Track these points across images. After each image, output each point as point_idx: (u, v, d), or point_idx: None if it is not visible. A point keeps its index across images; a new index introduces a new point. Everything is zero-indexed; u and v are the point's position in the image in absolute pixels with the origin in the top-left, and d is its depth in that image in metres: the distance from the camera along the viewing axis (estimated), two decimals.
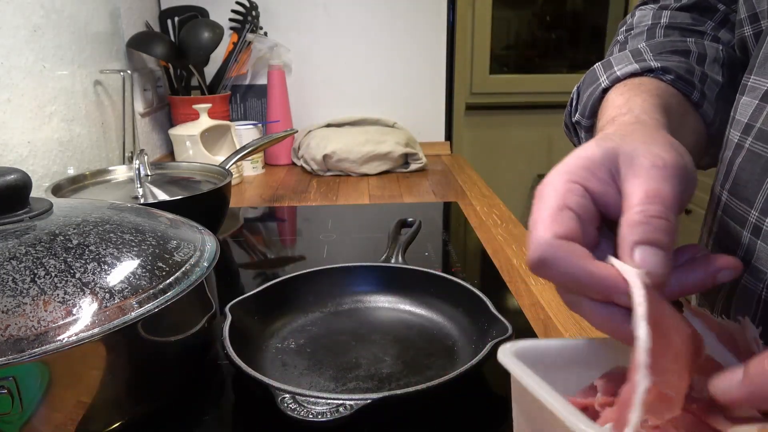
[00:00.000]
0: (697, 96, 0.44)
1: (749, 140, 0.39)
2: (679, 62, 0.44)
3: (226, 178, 0.82)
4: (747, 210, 0.39)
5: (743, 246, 0.40)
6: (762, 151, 0.38)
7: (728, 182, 0.42)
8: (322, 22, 1.46)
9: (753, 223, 0.39)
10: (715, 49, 0.47)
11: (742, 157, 0.40)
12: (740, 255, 0.40)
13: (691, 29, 0.49)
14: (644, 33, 0.49)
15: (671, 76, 0.43)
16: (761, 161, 0.38)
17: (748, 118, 0.40)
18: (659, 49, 0.45)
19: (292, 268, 0.80)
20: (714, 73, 0.45)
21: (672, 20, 0.50)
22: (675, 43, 0.46)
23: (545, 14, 2.41)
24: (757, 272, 0.38)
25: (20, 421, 0.37)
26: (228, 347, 0.47)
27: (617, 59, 0.46)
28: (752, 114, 0.39)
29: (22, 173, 0.47)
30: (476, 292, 0.56)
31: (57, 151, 0.93)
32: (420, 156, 1.31)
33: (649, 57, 0.44)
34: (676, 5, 0.51)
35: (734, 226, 0.41)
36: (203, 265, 0.48)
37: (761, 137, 0.38)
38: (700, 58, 0.45)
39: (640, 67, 0.43)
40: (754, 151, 0.39)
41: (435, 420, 0.45)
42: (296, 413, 0.39)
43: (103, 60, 1.11)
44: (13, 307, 0.37)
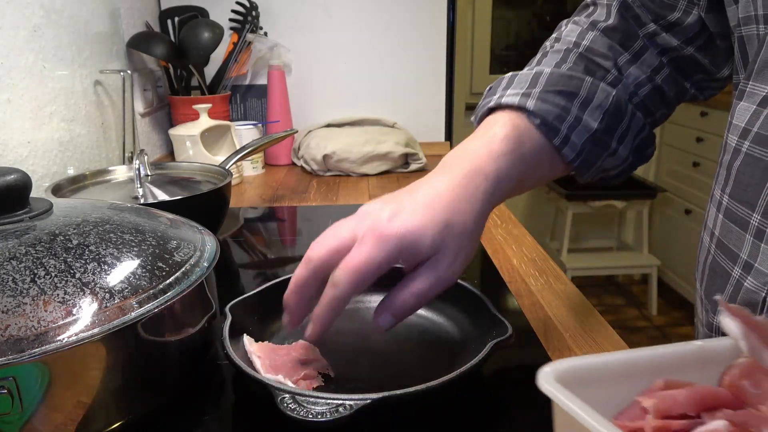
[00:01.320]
0: (558, 141, 0.49)
1: (747, 144, 0.40)
2: (555, 106, 0.49)
3: (226, 178, 0.82)
4: (749, 213, 0.39)
5: (746, 249, 0.40)
6: (761, 155, 0.38)
7: (728, 186, 0.42)
8: (322, 22, 1.46)
9: (756, 226, 0.39)
10: (605, 95, 0.50)
11: (740, 161, 0.40)
12: (743, 258, 0.40)
13: (600, 64, 0.52)
14: (560, 53, 0.53)
15: (537, 120, 0.49)
16: (761, 165, 0.38)
17: (745, 123, 0.40)
18: (552, 85, 0.50)
19: (292, 268, 0.80)
20: (592, 118, 0.50)
21: (591, 45, 0.53)
22: (570, 82, 0.50)
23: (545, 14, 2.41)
24: (761, 275, 0.38)
25: (20, 421, 0.37)
26: (228, 347, 0.47)
27: (519, 79, 0.52)
28: (750, 119, 0.40)
29: (22, 173, 0.47)
30: (476, 292, 0.56)
31: (57, 151, 0.93)
32: (420, 156, 1.31)
33: (536, 92, 0.50)
34: (604, 24, 0.53)
35: (736, 230, 0.41)
36: (203, 265, 0.48)
37: (759, 141, 0.39)
38: (584, 102, 0.50)
39: (518, 103, 0.49)
40: (752, 155, 0.39)
41: (435, 420, 0.45)
42: (296, 413, 0.39)
43: (103, 60, 1.11)
44: (13, 307, 0.37)
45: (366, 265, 0.42)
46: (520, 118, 0.49)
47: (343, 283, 0.42)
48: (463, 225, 0.44)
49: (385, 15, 1.47)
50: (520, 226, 0.93)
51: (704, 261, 0.47)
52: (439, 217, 0.43)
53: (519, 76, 0.53)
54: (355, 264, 0.42)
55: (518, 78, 0.53)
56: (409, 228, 0.42)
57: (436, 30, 1.49)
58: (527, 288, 0.70)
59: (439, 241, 0.43)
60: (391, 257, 0.42)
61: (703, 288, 0.47)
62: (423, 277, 0.44)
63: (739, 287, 0.41)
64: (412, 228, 0.42)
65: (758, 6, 0.40)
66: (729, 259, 0.42)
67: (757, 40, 0.41)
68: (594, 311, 0.64)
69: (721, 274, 0.43)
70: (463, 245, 0.44)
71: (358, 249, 0.42)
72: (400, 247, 0.42)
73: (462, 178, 0.45)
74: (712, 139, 2.42)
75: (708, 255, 0.46)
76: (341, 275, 0.42)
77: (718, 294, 0.44)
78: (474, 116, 0.55)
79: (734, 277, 0.41)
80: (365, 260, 0.42)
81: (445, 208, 0.43)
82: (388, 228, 0.42)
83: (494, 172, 0.46)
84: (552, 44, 0.56)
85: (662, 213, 2.85)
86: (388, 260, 0.42)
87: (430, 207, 0.43)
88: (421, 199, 0.44)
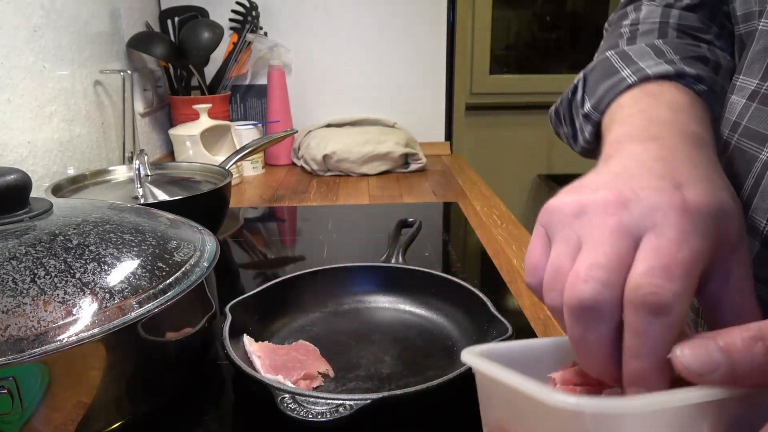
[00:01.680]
0: (718, 110, 0.41)
1: (736, 137, 0.40)
2: (703, 71, 0.41)
3: (226, 178, 0.82)
4: None
5: None
6: (747, 148, 0.39)
7: None
8: (322, 22, 1.46)
9: None
10: (725, 59, 0.45)
11: (728, 153, 0.41)
12: None
13: (700, 36, 0.46)
14: (655, 31, 0.46)
15: (704, 86, 0.40)
16: (746, 157, 0.39)
17: (736, 116, 0.41)
18: (682, 52, 0.42)
19: (292, 268, 0.80)
20: (727, 85, 0.43)
21: (681, 21, 0.46)
22: (693, 48, 0.43)
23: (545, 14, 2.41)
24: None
25: (20, 421, 0.37)
26: (228, 347, 0.47)
27: (637, 53, 0.43)
28: (740, 112, 0.40)
29: (22, 173, 0.47)
30: (476, 292, 0.56)
31: (57, 151, 0.93)
32: (420, 156, 1.31)
33: (676, 59, 0.41)
34: (681, 3, 0.48)
35: None
36: (203, 265, 0.48)
37: (747, 134, 0.39)
38: (716, 67, 0.43)
39: (674, 70, 0.40)
40: (740, 147, 0.40)
41: (435, 420, 0.45)
42: (296, 413, 0.39)
43: (103, 60, 1.11)
44: (13, 307, 0.37)
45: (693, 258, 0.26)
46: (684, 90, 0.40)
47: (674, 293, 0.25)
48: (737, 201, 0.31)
49: (385, 15, 1.47)
50: (520, 226, 0.93)
51: None
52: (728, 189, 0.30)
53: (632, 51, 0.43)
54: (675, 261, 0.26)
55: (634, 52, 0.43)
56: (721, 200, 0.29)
57: (436, 30, 1.49)
58: (527, 288, 0.70)
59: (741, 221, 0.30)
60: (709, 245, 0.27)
61: None
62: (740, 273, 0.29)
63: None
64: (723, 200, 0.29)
65: (754, 1, 0.40)
66: None
67: (748, 36, 0.41)
68: None
69: None
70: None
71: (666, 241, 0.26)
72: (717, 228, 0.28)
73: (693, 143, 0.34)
74: None
75: None
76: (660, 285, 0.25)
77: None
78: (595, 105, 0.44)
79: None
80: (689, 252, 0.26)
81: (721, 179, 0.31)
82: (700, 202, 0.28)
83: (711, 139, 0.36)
84: (632, 26, 0.48)
85: None
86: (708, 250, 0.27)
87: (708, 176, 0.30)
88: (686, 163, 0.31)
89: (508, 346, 0.32)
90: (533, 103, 2.23)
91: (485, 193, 1.15)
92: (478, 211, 1.03)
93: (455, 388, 0.44)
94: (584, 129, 0.46)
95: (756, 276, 0.32)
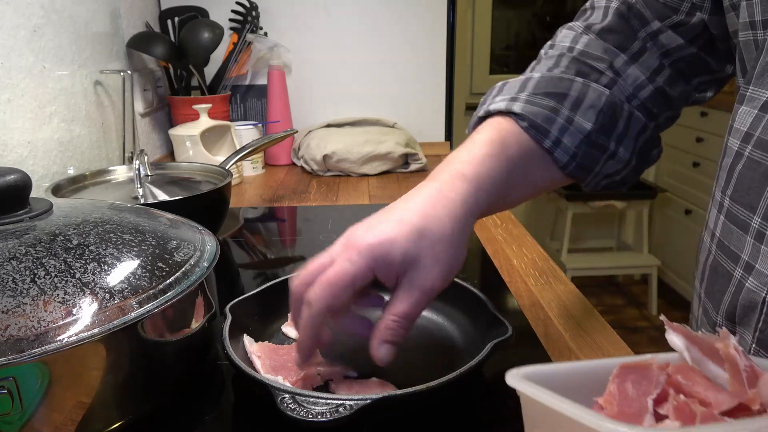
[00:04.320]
0: (548, 144, 0.49)
1: (749, 148, 0.40)
2: (544, 108, 0.48)
3: (226, 178, 0.82)
4: (750, 216, 0.40)
5: (747, 250, 0.40)
6: (762, 159, 0.39)
7: (729, 188, 0.42)
8: (322, 22, 1.46)
9: (756, 228, 0.39)
10: (596, 95, 0.49)
11: (742, 164, 0.41)
12: (744, 259, 0.40)
13: (593, 66, 0.51)
14: (553, 58, 0.53)
15: (525, 123, 0.48)
16: (761, 169, 0.39)
17: (747, 127, 0.40)
18: (541, 88, 0.50)
19: (292, 268, 0.80)
20: (585, 118, 0.49)
21: (585, 49, 0.52)
22: (560, 83, 0.50)
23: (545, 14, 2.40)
24: (762, 276, 0.39)
25: (20, 421, 0.37)
26: (228, 347, 0.47)
27: (508, 87, 0.52)
28: (752, 123, 0.40)
29: (22, 173, 0.47)
30: (476, 292, 0.56)
31: (57, 152, 0.93)
32: (420, 156, 1.31)
33: (524, 96, 0.50)
34: (599, 26, 0.52)
35: (737, 231, 0.41)
36: (203, 265, 0.48)
37: (760, 146, 0.39)
38: (575, 103, 0.49)
39: (505, 107, 0.49)
40: (753, 159, 0.40)
41: (435, 420, 0.45)
42: (296, 413, 0.39)
43: (103, 60, 1.11)
44: (13, 307, 0.37)
45: (338, 278, 0.41)
46: (507, 122, 0.49)
47: (317, 298, 0.41)
48: (440, 231, 0.42)
49: (385, 15, 1.47)
50: (520, 226, 0.93)
51: (705, 261, 0.47)
52: (411, 226, 0.42)
53: (509, 83, 0.53)
54: (327, 278, 0.41)
55: (508, 86, 0.52)
56: (379, 238, 0.41)
57: (436, 30, 1.49)
58: (527, 288, 0.70)
59: (413, 250, 0.41)
60: (363, 270, 0.41)
61: (704, 287, 0.47)
62: (402, 295, 0.42)
63: (740, 287, 0.41)
64: (382, 238, 0.41)
65: (757, 12, 0.40)
66: (730, 259, 0.42)
67: (756, 46, 0.41)
68: (594, 311, 0.64)
69: (722, 274, 0.43)
70: (442, 253, 0.42)
71: (332, 265, 0.42)
72: (371, 258, 0.41)
73: (442, 184, 0.45)
74: (712, 140, 2.42)
75: (709, 255, 0.46)
76: (314, 291, 0.41)
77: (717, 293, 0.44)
78: (467, 129, 0.55)
79: (736, 277, 0.41)
80: (337, 273, 0.41)
81: (418, 216, 0.42)
82: (360, 240, 0.42)
83: (474, 174, 0.45)
84: (546, 51, 0.56)
85: (662, 213, 2.85)
86: (361, 273, 0.41)
87: (402, 218, 0.43)
88: (397, 211, 0.44)
89: (551, 369, 0.32)
90: None
91: None
92: None
93: (455, 388, 0.44)
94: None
95: None
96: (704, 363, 0.30)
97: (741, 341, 0.42)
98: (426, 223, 0.42)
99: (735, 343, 0.29)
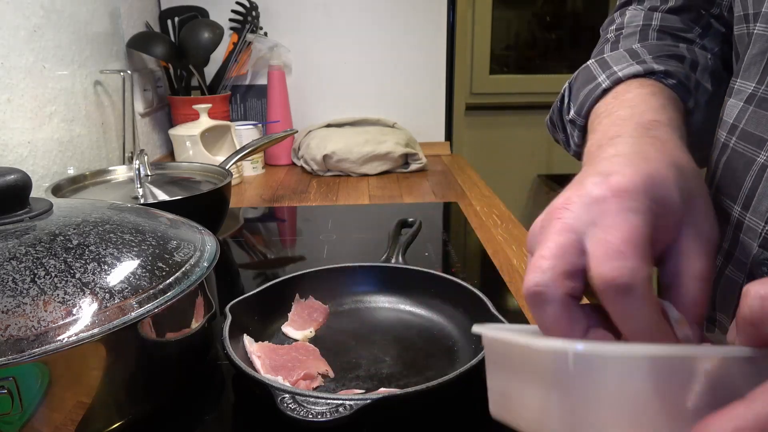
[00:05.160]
0: (692, 103, 0.44)
1: (734, 140, 0.41)
2: (677, 67, 0.44)
3: (226, 178, 0.82)
4: (730, 206, 0.41)
5: (727, 239, 0.42)
6: (744, 150, 0.40)
7: (715, 180, 0.44)
8: (322, 22, 1.46)
9: (736, 218, 0.41)
10: (705, 57, 0.47)
11: (726, 155, 0.42)
12: (725, 247, 0.42)
13: (682, 36, 0.49)
14: (636, 34, 0.49)
15: (673, 80, 0.42)
16: (743, 159, 0.40)
17: (733, 119, 0.42)
18: (656, 52, 0.45)
19: (292, 268, 0.80)
20: (705, 81, 0.46)
21: (663, 23, 0.49)
22: (670, 48, 0.46)
23: (545, 14, 2.41)
24: (740, 264, 0.41)
25: (20, 421, 0.37)
26: (228, 347, 0.47)
27: (614, 58, 0.45)
28: (737, 115, 0.41)
29: (22, 173, 0.47)
30: (476, 292, 0.56)
31: (57, 151, 0.93)
32: (420, 156, 1.31)
33: (648, 59, 0.44)
34: (665, 7, 0.50)
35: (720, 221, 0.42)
36: (203, 265, 0.48)
37: (744, 137, 0.40)
38: (693, 65, 0.46)
39: (643, 69, 0.42)
40: (737, 150, 0.41)
41: (435, 420, 0.45)
42: (296, 413, 0.39)
43: (103, 60, 1.11)
44: (13, 307, 0.37)
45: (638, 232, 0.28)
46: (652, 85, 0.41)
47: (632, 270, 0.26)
48: (692, 166, 0.33)
49: (386, 15, 1.47)
50: (520, 226, 0.93)
51: None
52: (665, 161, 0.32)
53: (609, 57, 0.46)
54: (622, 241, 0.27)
55: (611, 58, 0.45)
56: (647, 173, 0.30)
57: (436, 30, 1.49)
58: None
59: (686, 188, 0.31)
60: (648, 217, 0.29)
61: None
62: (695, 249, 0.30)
63: (720, 274, 0.42)
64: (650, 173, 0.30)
65: (748, 5, 0.41)
66: None
67: (747, 39, 0.41)
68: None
69: None
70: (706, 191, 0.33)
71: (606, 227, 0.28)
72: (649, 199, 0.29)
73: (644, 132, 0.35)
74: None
75: None
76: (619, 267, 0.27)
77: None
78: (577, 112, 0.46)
79: (716, 265, 0.43)
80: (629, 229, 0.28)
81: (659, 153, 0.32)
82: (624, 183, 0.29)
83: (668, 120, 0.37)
84: (617, 31, 0.51)
85: None
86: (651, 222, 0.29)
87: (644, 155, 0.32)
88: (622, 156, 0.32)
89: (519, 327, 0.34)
90: (533, 103, 2.23)
91: (485, 193, 1.15)
92: (477, 211, 1.03)
93: (455, 388, 0.44)
94: (573, 134, 0.48)
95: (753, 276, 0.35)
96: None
97: (721, 327, 0.43)
98: (674, 157, 0.33)
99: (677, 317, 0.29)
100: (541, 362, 0.25)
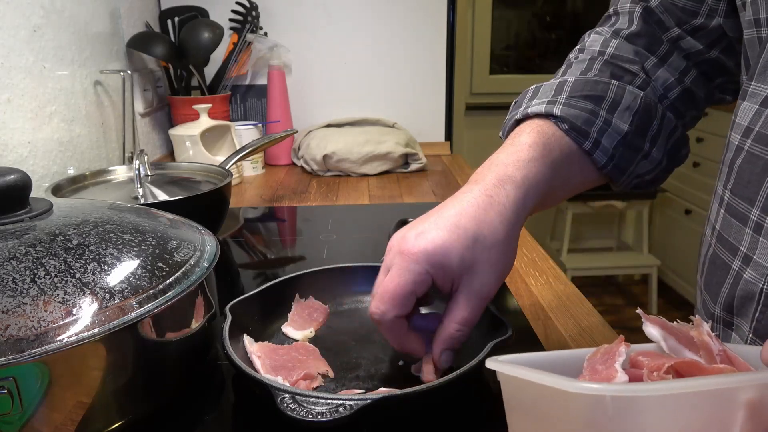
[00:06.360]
0: (588, 146, 0.49)
1: (749, 142, 0.41)
2: (583, 110, 0.49)
3: (226, 179, 0.82)
4: (748, 209, 0.41)
5: (745, 242, 0.41)
6: (761, 153, 0.39)
7: (730, 182, 0.43)
8: (322, 22, 1.46)
9: (755, 221, 0.40)
10: (632, 97, 0.50)
11: (742, 158, 0.42)
12: (743, 251, 0.41)
13: (626, 68, 0.52)
14: (585, 62, 0.54)
15: (566, 126, 0.48)
16: (760, 162, 0.40)
17: (748, 122, 0.41)
18: (578, 90, 0.50)
19: (292, 268, 0.80)
20: (622, 120, 0.49)
21: (616, 52, 0.53)
22: (596, 86, 0.50)
23: (545, 14, 2.41)
24: (760, 267, 0.40)
25: (20, 421, 0.37)
26: (228, 347, 0.47)
27: (543, 90, 0.52)
28: (752, 118, 0.41)
29: (22, 173, 0.47)
30: None
31: (57, 151, 0.93)
32: (420, 156, 1.31)
33: (562, 98, 0.50)
34: (627, 31, 0.53)
35: (736, 224, 0.42)
36: (203, 265, 0.48)
37: (760, 140, 0.40)
38: (612, 105, 0.50)
39: (545, 110, 0.49)
40: (753, 152, 0.40)
41: (435, 420, 0.45)
42: (296, 413, 0.39)
43: (103, 60, 1.11)
44: (13, 307, 0.37)
45: (399, 289, 0.42)
46: (548, 125, 0.49)
47: (382, 312, 0.43)
48: (494, 236, 0.43)
49: (385, 15, 1.47)
50: None
51: (705, 254, 0.47)
52: (467, 231, 0.42)
53: (543, 86, 0.53)
54: (387, 290, 0.42)
55: (543, 89, 0.53)
56: (435, 244, 0.42)
57: (436, 30, 1.49)
58: (527, 288, 0.70)
59: (469, 257, 0.42)
60: (421, 277, 0.42)
61: (703, 279, 0.47)
62: (462, 302, 0.43)
63: (738, 279, 0.42)
64: (439, 243, 0.42)
65: (762, 9, 0.41)
66: (729, 251, 0.43)
67: (759, 43, 0.41)
68: (594, 311, 0.64)
69: (720, 266, 0.44)
70: (496, 258, 0.43)
71: (389, 276, 0.43)
72: (428, 264, 0.42)
73: (490, 188, 0.45)
74: (712, 139, 2.42)
75: (709, 248, 0.46)
76: (377, 306, 0.43)
77: (717, 285, 0.44)
78: (501, 132, 0.55)
79: (734, 269, 0.42)
80: (396, 285, 0.42)
81: (472, 221, 0.43)
82: (415, 247, 0.42)
83: (522, 179, 0.45)
84: (576, 55, 0.56)
85: (662, 213, 2.85)
86: (421, 280, 0.42)
87: (456, 222, 0.43)
88: (447, 215, 0.44)
89: (529, 357, 0.33)
90: None
91: None
92: None
93: (455, 388, 0.44)
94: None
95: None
96: (681, 351, 0.31)
97: (738, 332, 0.43)
98: (480, 228, 0.43)
99: (707, 329, 0.31)
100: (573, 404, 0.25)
